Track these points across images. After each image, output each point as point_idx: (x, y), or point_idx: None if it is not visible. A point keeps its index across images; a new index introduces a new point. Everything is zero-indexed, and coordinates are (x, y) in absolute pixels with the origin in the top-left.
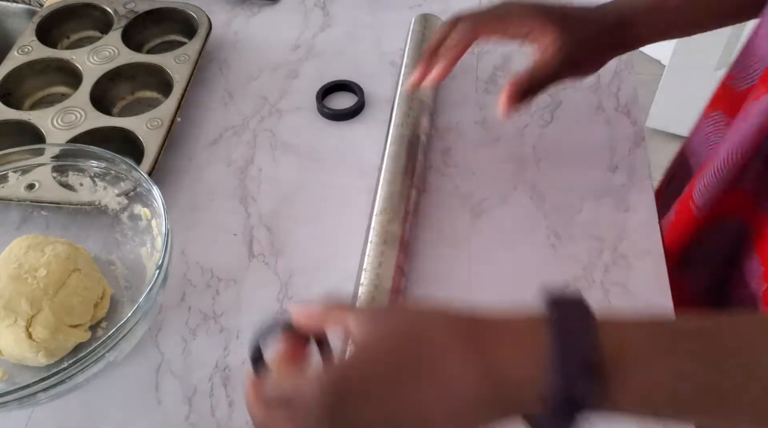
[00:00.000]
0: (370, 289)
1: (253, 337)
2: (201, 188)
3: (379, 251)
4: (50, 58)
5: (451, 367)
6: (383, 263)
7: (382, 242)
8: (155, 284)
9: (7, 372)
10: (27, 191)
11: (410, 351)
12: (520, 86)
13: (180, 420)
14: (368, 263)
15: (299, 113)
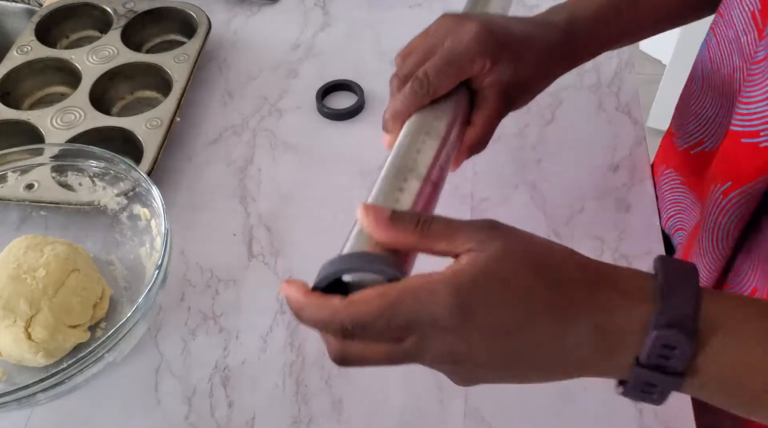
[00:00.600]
0: (396, 170)
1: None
2: (200, 188)
3: (418, 139)
4: (49, 57)
5: (571, 313)
6: (422, 150)
7: (424, 132)
8: (154, 285)
9: (7, 373)
10: (26, 191)
11: (545, 285)
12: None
13: (179, 420)
14: (397, 148)
15: (299, 113)
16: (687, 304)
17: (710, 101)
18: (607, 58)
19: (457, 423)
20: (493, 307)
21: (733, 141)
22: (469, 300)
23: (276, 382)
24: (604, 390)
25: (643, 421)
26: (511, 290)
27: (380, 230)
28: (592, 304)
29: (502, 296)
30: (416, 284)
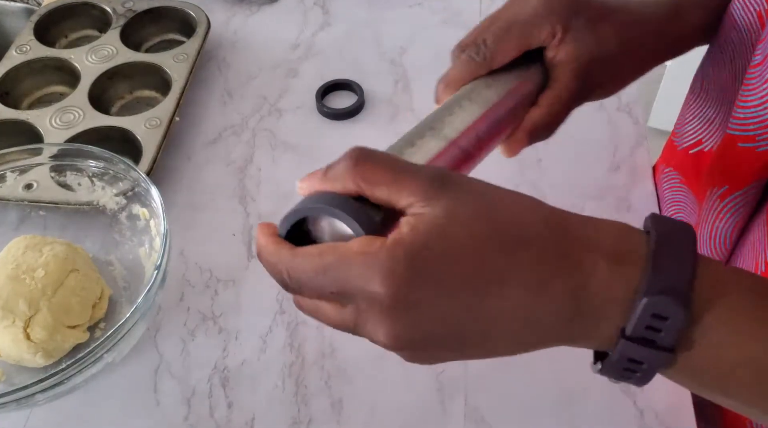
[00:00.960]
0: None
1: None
2: (200, 188)
3: (457, 103)
4: (48, 57)
5: (542, 276)
6: (456, 113)
7: (466, 98)
8: (154, 285)
9: (5, 373)
10: (25, 191)
11: (503, 248)
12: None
13: (179, 420)
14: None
15: (299, 113)
16: (683, 269)
17: (711, 102)
18: None
19: (457, 423)
20: (440, 284)
21: (730, 145)
22: (409, 280)
23: (275, 383)
24: (604, 390)
25: (644, 421)
26: (462, 262)
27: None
28: (565, 266)
29: (450, 271)
30: (355, 250)
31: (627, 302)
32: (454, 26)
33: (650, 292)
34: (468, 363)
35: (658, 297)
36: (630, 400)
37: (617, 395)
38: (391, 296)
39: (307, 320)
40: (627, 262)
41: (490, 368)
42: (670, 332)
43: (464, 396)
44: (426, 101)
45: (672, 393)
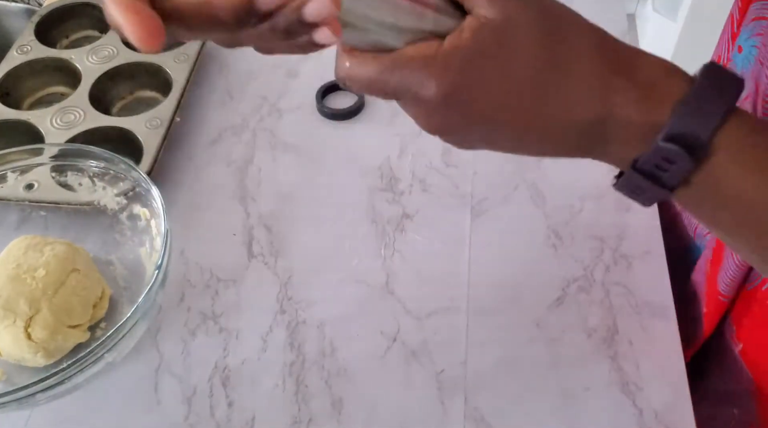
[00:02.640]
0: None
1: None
2: (200, 188)
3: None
4: (49, 57)
5: (583, 84)
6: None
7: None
8: (154, 285)
9: (6, 373)
10: (26, 191)
11: (556, 47)
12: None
13: (179, 420)
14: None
15: (299, 113)
16: (706, 122)
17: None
18: None
19: (457, 423)
20: (490, 89)
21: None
22: (461, 85)
23: (276, 382)
24: (604, 389)
25: (643, 421)
26: (515, 69)
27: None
28: (603, 88)
29: (502, 76)
30: (411, 55)
31: (647, 137)
32: None
33: (666, 137)
34: (468, 363)
35: (670, 145)
36: (629, 400)
37: (616, 394)
38: (441, 99)
39: (307, 320)
40: (658, 100)
41: (490, 368)
42: (674, 175)
43: (464, 396)
44: None
45: (671, 392)
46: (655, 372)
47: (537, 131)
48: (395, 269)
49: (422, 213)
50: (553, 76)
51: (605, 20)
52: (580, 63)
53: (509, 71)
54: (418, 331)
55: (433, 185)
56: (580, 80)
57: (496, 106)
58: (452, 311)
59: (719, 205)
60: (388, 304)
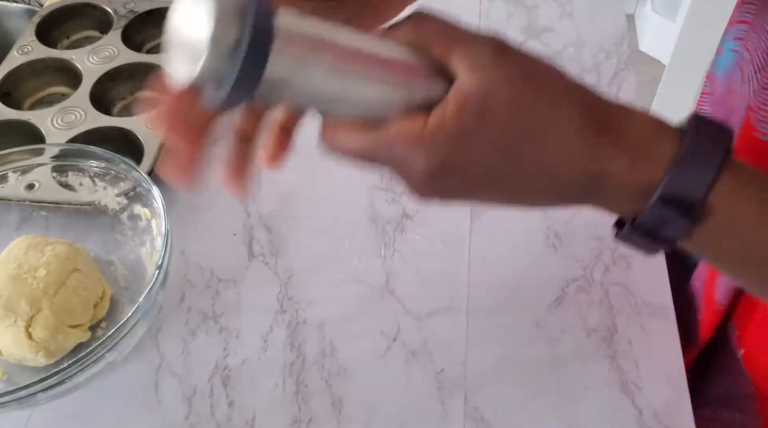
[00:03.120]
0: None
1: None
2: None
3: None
4: (50, 58)
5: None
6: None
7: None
8: (155, 285)
9: (7, 372)
10: (27, 191)
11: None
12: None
13: (179, 420)
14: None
15: None
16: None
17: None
18: (607, 58)
19: (457, 423)
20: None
21: (764, 152)
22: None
23: (276, 382)
24: (603, 389)
25: (643, 421)
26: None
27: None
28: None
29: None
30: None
31: (641, 197)
32: None
33: (659, 201)
34: (468, 362)
35: (665, 209)
36: (629, 399)
37: (616, 394)
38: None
39: (307, 320)
40: (649, 162)
41: (490, 368)
42: (672, 232)
43: (464, 396)
44: None
45: (671, 392)
46: (654, 371)
47: (527, 193)
48: (395, 269)
49: (422, 213)
50: (541, 145)
51: (605, 20)
52: (568, 130)
53: (496, 144)
54: (418, 331)
55: None
56: (568, 148)
57: (484, 176)
58: (452, 311)
59: (720, 254)
60: (388, 304)
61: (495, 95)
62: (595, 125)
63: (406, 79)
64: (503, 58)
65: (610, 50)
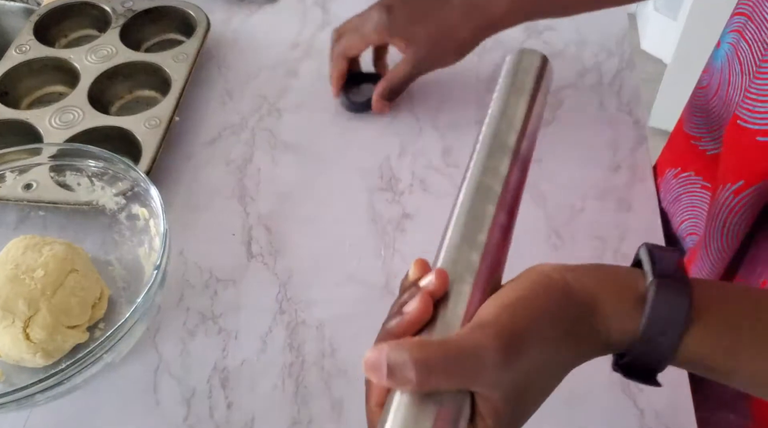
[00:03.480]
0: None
1: None
2: (199, 188)
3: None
4: (48, 57)
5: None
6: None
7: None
8: (153, 285)
9: (5, 373)
10: (24, 191)
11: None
12: (383, 95)
13: (178, 421)
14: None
15: (298, 112)
16: (677, 311)
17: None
18: (608, 57)
19: None
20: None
21: (747, 140)
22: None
23: (275, 383)
24: (605, 390)
25: (644, 421)
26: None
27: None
28: (573, 341)
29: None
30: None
31: (630, 336)
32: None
33: (638, 344)
34: None
35: (645, 346)
36: (630, 400)
37: (618, 395)
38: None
39: (306, 320)
40: (628, 305)
41: None
42: (661, 364)
43: None
44: (425, 101)
45: (672, 392)
46: None
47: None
48: (395, 269)
49: (422, 213)
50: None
51: (606, 19)
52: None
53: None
54: None
55: (433, 185)
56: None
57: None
58: None
59: (707, 372)
60: (388, 304)
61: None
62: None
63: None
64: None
65: (611, 49)
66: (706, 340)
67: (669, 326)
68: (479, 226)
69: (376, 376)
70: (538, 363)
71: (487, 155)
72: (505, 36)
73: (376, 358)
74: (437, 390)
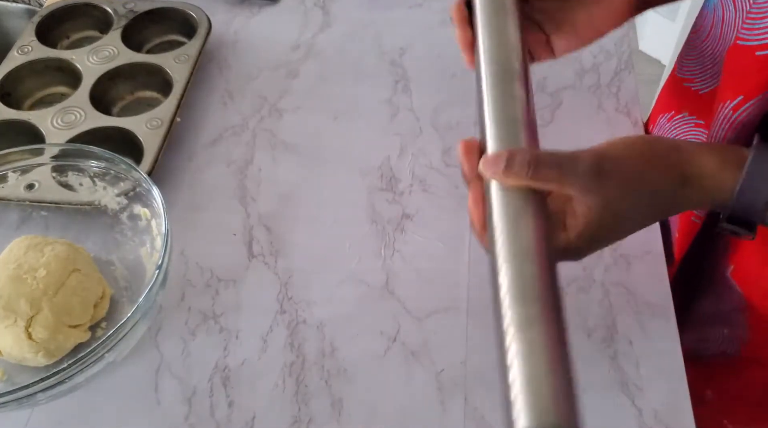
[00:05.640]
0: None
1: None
2: (200, 188)
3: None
4: (50, 58)
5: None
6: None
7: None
8: (155, 285)
9: (7, 373)
10: (26, 191)
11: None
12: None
13: (179, 420)
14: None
15: (299, 113)
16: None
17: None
18: (607, 58)
19: (457, 423)
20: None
21: (746, 55)
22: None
23: (276, 382)
24: (603, 389)
25: (643, 420)
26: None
27: (496, 166)
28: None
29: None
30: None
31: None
32: (453, 27)
33: (726, 218)
34: (468, 362)
35: (730, 225)
36: (629, 399)
37: (616, 394)
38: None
39: (307, 320)
40: (728, 170)
41: (490, 368)
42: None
43: (464, 396)
44: (425, 101)
45: (670, 392)
46: (654, 371)
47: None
48: (395, 269)
49: (422, 213)
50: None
51: None
52: (663, 191)
53: (621, 226)
54: (418, 331)
55: (433, 185)
56: (665, 196)
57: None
58: (452, 311)
59: None
60: (388, 304)
61: (606, 199)
62: (679, 176)
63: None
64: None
65: (610, 50)
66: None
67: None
68: (514, 105)
69: (493, 169)
70: (631, 187)
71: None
72: None
73: (497, 154)
74: (541, 187)
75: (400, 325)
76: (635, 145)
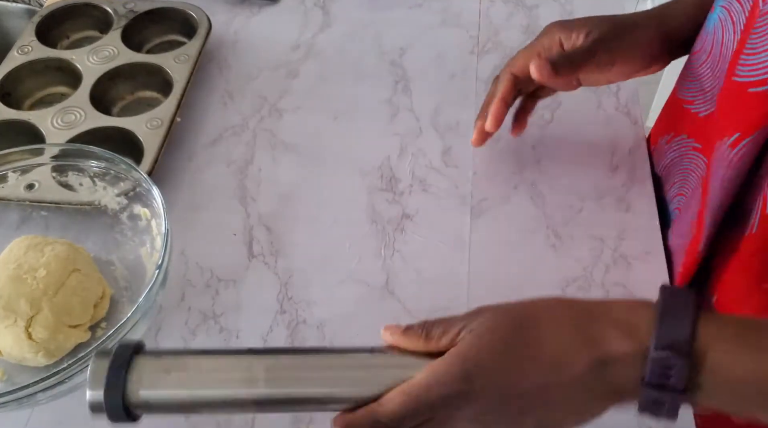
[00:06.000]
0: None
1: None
2: (201, 188)
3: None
4: (50, 58)
5: (557, 346)
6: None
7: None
8: (155, 285)
9: (7, 372)
10: (26, 191)
11: (519, 336)
12: (550, 60)
13: (180, 420)
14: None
15: (299, 113)
16: (682, 327)
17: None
18: None
19: None
20: (490, 369)
21: (739, 92)
22: (469, 369)
23: None
24: None
25: (642, 420)
26: (502, 353)
27: (398, 340)
28: (587, 341)
29: (495, 359)
30: (424, 377)
31: (640, 357)
32: (453, 27)
33: (656, 348)
34: None
35: (662, 352)
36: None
37: None
38: (461, 382)
39: (307, 319)
40: (638, 329)
41: None
42: (677, 378)
43: None
44: (425, 101)
45: None
46: None
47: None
48: (395, 269)
49: (422, 213)
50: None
51: None
52: (560, 329)
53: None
54: None
55: (433, 185)
56: (566, 343)
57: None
58: (452, 311)
59: (735, 396)
60: (388, 304)
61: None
62: (582, 321)
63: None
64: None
65: None
66: (720, 331)
67: (681, 305)
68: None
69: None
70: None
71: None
72: (505, 38)
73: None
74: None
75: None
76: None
